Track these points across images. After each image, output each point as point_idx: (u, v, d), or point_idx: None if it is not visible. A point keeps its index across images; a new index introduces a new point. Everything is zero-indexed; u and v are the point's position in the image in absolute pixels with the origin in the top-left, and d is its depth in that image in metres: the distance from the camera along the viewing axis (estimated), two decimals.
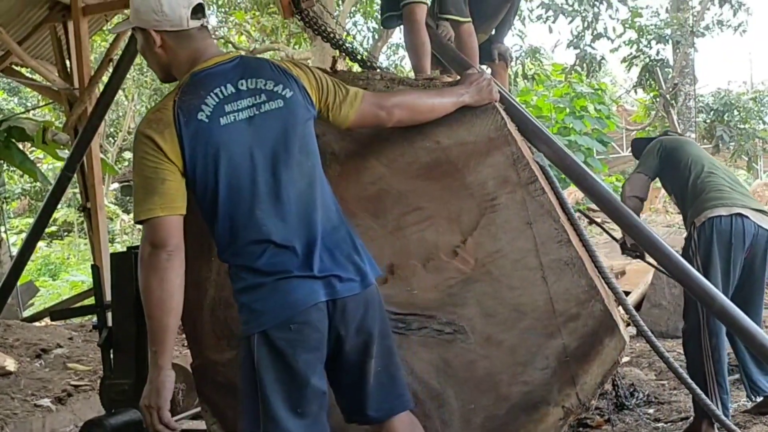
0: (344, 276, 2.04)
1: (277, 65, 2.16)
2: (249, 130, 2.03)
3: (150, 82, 12.86)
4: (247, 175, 2.01)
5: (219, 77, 2.06)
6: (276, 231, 2.00)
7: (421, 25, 3.31)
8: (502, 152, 2.50)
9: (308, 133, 2.13)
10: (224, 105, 2.02)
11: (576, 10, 11.21)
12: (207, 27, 2.18)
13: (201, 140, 2.00)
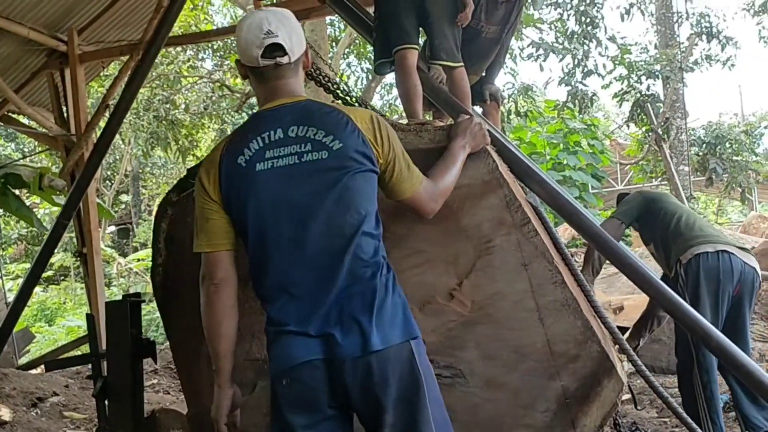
0: (343, 336, 1.94)
1: (341, 115, 2.10)
2: (283, 178, 2.02)
3: (147, 126, 12.94)
4: (272, 223, 2.02)
5: (273, 121, 2.08)
6: (292, 282, 2.00)
7: (412, 70, 3.36)
8: (496, 194, 2.52)
9: (354, 187, 2.02)
10: (266, 150, 2.04)
11: (566, 48, 11.37)
12: (286, 65, 2.11)
13: (235, 183, 2.05)
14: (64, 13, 6.62)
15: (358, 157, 2.04)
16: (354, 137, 2.05)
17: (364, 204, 2.04)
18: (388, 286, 2.03)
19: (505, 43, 4.63)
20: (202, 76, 14.85)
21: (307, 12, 6.18)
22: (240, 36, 2.10)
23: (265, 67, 2.09)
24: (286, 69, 2.12)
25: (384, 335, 1.95)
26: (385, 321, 1.97)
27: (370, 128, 2.10)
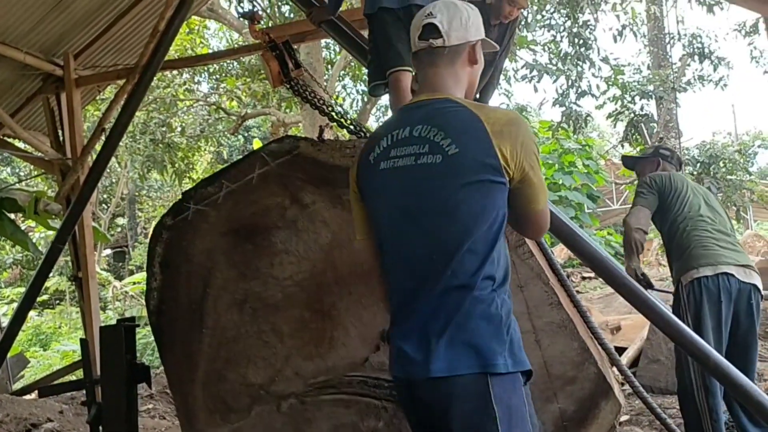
0: (417, 355, 1.84)
1: (471, 115, 1.91)
2: (399, 179, 1.93)
3: (143, 149, 12.95)
4: (388, 225, 1.98)
5: (406, 118, 2.00)
6: (396, 288, 1.96)
7: (406, 92, 3.37)
8: None
9: (464, 197, 1.86)
10: (392, 149, 1.96)
11: (560, 69, 11.45)
12: (439, 50, 1.98)
13: (363, 180, 2.03)
14: (60, 37, 6.65)
15: (476, 166, 1.86)
16: (476, 143, 1.87)
17: (472, 219, 1.86)
18: (479, 309, 1.83)
19: (498, 65, 4.67)
20: (198, 99, 14.91)
21: (303, 35, 6.23)
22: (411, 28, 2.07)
23: (421, 51, 2.01)
24: (439, 55, 1.99)
25: (450, 362, 1.81)
26: (456, 346, 1.81)
27: (503, 132, 1.88)
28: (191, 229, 2.72)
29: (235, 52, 8.21)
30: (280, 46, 4.29)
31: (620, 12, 12.27)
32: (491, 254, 1.86)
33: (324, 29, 4.25)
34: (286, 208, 2.68)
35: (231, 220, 2.71)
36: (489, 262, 1.86)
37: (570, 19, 11.22)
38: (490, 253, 1.86)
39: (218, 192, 2.74)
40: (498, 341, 1.82)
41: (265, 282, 2.67)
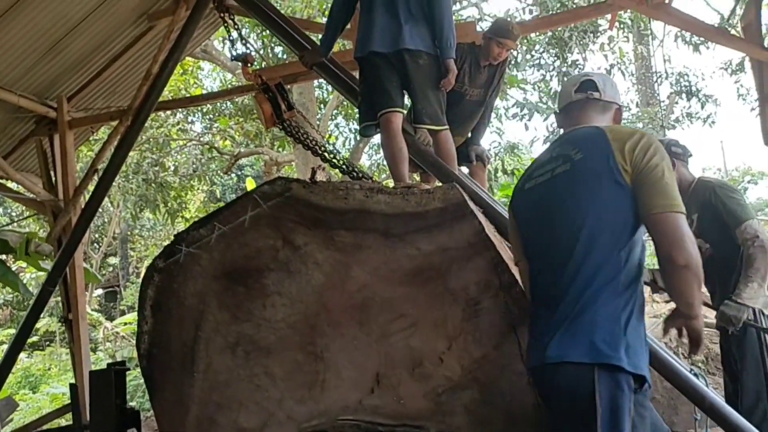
0: (538, 342, 2.09)
1: (598, 131, 2.17)
2: (539, 192, 2.24)
3: (136, 189, 12.95)
4: (530, 234, 2.27)
5: (552, 146, 2.34)
6: (536, 286, 2.21)
7: (397, 133, 3.41)
8: (483, 257, 2.53)
9: (590, 198, 2.06)
10: (536, 170, 2.30)
11: (550, 107, 11.57)
12: (594, 102, 2.32)
13: (516, 200, 2.40)
14: (54, 80, 6.70)
15: (598, 168, 2.08)
16: (598, 150, 2.10)
17: (597, 218, 2.05)
18: (602, 306, 1.97)
19: (489, 105, 4.73)
20: (192, 139, 14.97)
21: (295, 76, 6.30)
22: (562, 86, 2.49)
23: (576, 102, 2.33)
24: (594, 105, 2.33)
25: (562, 349, 1.97)
26: (573, 336, 1.97)
27: (622, 138, 2.10)
28: (183, 271, 2.71)
29: (228, 93, 8.27)
30: (272, 88, 4.34)
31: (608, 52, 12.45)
32: (618, 255, 2.02)
33: (316, 71, 4.30)
34: (278, 249, 2.68)
35: (223, 263, 2.70)
36: (615, 263, 2.01)
37: (559, 58, 11.38)
38: (616, 254, 2.02)
39: (210, 234, 2.74)
40: (613, 338, 1.93)
41: (258, 324, 2.65)
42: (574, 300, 1.99)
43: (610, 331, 1.94)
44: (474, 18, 11.88)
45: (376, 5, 3.52)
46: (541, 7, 11.13)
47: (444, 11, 3.48)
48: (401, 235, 2.56)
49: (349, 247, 2.62)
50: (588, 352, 1.92)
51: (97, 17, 6.15)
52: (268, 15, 4.71)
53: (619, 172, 2.04)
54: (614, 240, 2.02)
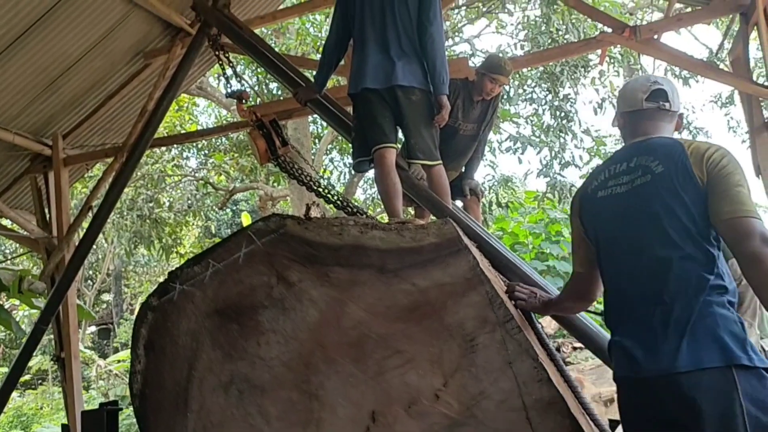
0: (645, 354, 2.06)
1: (676, 144, 2.23)
2: (618, 202, 2.26)
3: (130, 225, 12.93)
4: (609, 243, 2.29)
5: (623, 155, 2.34)
6: (620, 296, 2.22)
7: (391, 168, 3.43)
8: (478, 292, 2.51)
9: (672, 208, 2.12)
10: (610, 180, 2.31)
11: (543, 141, 11.65)
12: (663, 112, 2.37)
13: (585, 208, 2.41)
14: (50, 119, 6.74)
15: (678, 180, 2.13)
16: (678, 163, 2.15)
17: (683, 226, 2.11)
18: (714, 311, 2.00)
19: (482, 139, 4.78)
20: (187, 175, 15.01)
21: (290, 112, 6.34)
22: (626, 87, 2.46)
23: (646, 110, 2.37)
24: (663, 115, 2.38)
25: (693, 356, 1.95)
26: (698, 342, 1.97)
27: (701, 153, 2.15)
28: (176, 309, 2.69)
29: (223, 129, 8.34)
30: (267, 125, 4.38)
31: (599, 86, 12.60)
32: (715, 259, 2.07)
33: (310, 107, 4.34)
34: (273, 286, 2.67)
35: (216, 300, 2.68)
36: (714, 266, 2.06)
37: (551, 93, 11.50)
38: (713, 258, 2.07)
39: (204, 271, 2.73)
40: (737, 338, 1.96)
41: (252, 363, 2.63)
42: (688, 306, 2.01)
43: (731, 331, 1.98)
44: (467, 53, 12.03)
45: (368, 42, 3.57)
46: (532, 42, 11.30)
47: (436, 48, 3.52)
48: (396, 270, 2.55)
49: (344, 284, 2.61)
50: (722, 356, 1.93)
51: (94, 55, 6.22)
52: (262, 53, 4.77)
53: (699, 184, 2.11)
54: (708, 245, 2.09)
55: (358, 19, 3.65)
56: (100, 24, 5.92)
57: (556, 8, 10.61)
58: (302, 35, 11.74)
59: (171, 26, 6.52)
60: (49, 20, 5.52)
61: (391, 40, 3.53)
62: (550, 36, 10.83)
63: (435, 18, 3.54)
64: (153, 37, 6.59)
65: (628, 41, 5.86)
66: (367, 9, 3.62)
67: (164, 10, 6.14)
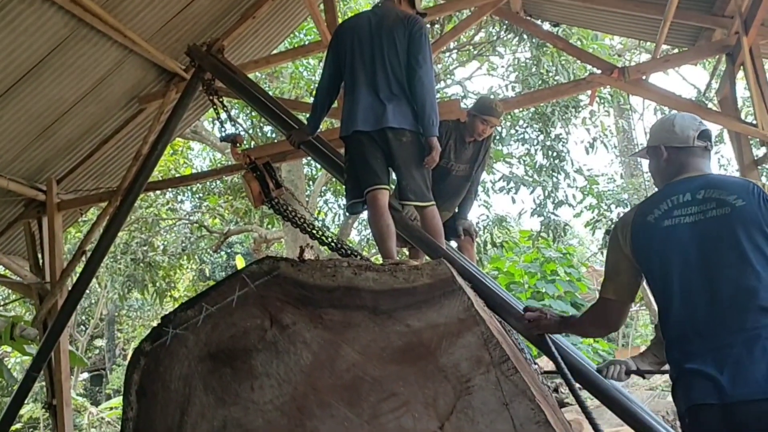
0: (730, 380, 2.06)
1: (746, 181, 2.38)
2: (691, 231, 2.30)
3: (124, 269, 12.87)
4: (678, 272, 2.29)
5: (682, 188, 2.41)
6: (693, 324, 2.22)
7: (384, 210, 3.44)
8: (473, 332, 2.50)
9: (755, 242, 2.21)
10: (674, 210, 2.36)
11: (536, 180, 11.72)
12: (708, 152, 2.52)
13: (642, 240, 2.41)
14: (44, 164, 6.77)
15: (758, 215, 2.24)
16: (756, 199, 2.26)
17: (762, 253, 2.20)
18: None
19: (475, 179, 4.81)
20: (181, 218, 15.01)
21: (284, 154, 6.39)
22: (675, 124, 2.56)
23: (695, 148, 2.50)
24: (706, 154, 2.53)
25: None
26: None
27: None
28: (169, 354, 2.67)
29: (217, 172, 8.36)
30: (260, 167, 4.40)
31: (590, 125, 12.74)
32: None
33: (303, 149, 4.37)
34: (266, 329, 2.65)
35: (210, 344, 2.66)
36: None
37: (543, 133, 11.61)
38: None
39: (198, 315, 2.71)
40: None
41: (245, 407, 2.59)
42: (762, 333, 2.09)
43: None
44: (458, 95, 12.17)
45: (359, 85, 3.62)
46: (523, 84, 11.45)
47: (425, 91, 3.56)
48: (390, 311, 2.54)
49: (337, 325, 2.59)
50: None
51: (89, 101, 6.28)
52: (255, 96, 4.82)
53: None
54: None
55: (349, 62, 3.71)
56: (95, 70, 6.00)
57: (545, 50, 10.78)
58: (296, 79, 11.89)
59: (166, 71, 6.60)
60: (44, 67, 5.59)
61: (381, 82, 3.58)
62: (540, 77, 10.98)
63: (425, 61, 3.59)
64: (148, 83, 6.66)
65: (617, 82, 5.96)
66: (357, 52, 3.68)
67: (159, 55, 6.23)
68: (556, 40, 7.43)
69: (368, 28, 3.70)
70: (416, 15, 3.83)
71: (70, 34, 5.46)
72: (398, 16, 3.73)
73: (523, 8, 7.02)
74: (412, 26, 3.65)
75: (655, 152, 2.61)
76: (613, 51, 13.22)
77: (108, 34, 5.63)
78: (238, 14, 6.63)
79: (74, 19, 5.32)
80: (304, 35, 12.28)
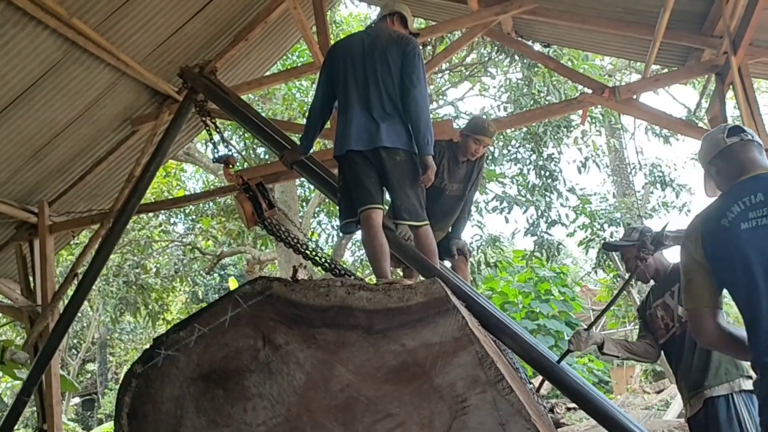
0: None
1: None
2: None
3: (116, 292, 12.79)
4: (763, 276, 2.18)
5: (752, 187, 2.31)
6: None
7: (378, 229, 3.43)
8: (468, 352, 2.49)
9: None
10: (749, 212, 2.26)
11: (529, 200, 11.75)
12: (750, 141, 2.46)
13: (716, 245, 2.31)
14: (36, 186, 6.75)
15: None
16: None
17: None
18: None
19: (468, 199, 4.81)
20: (174, 240, 14.95)
21: (277, 175, 6.38)
22: (703, 142, 2.59)
23: (733, 145, 2.46)
24: (751, 145, 2.46)
25: None
26: None
27: None
28: (160, 376, 2.64)
29: (210, 194, 8.35)
30: (253, 188, 4.39)
31: (582, 145, 12.81)
32: None
33: (296, 170, 4.37)
34: (259, 350, 2.63)
35: (202, 365, 2.64)
36: None
37: (535, 153, 11.66)
38: None
39: (190, 336, 2.69)
40: None
41: (238, 429, 2.56)
42: None
43: None
44: (451, 116, 12.23)
45: (352, 105, 3.62)
46: (515, 104, 11.52)
47: (420, 110, 3.57)
48: (384, 331, 2.52)
49: (331, 345, 2.57)
50: None
51: (82, 123, 6.28)
52: (248, 117, 4.83)
53: None
54: None
55: (342, 82, 3.71)
56: (88, 92, 6.00)
57: (537, 71, 10.86)
58: (288, 100, 11.93)
59: (158, 93, 6.61)
60: (37, 90, 5.59)
61: (374, 102, 3.58)
62: (532, 97, 11.05)
63: (419, 81, 3.60)
64: (140, 105, 6.67)
65: (608, 101, 6.00)
66: (350, 72, 3.69)
67: (151, 78, 6.24)
68: (547, 60, 7.48)
69: (361, 48, 3.72)
70: (409, 35, 3.85)
71: (63, 56, 5.47)
72: (391, 36, 3.75)
73: (514, 29, 7.07)
74: (405, 46, 3.67)
75: (708, 173, 2.57)
76: (603, 71, 13.33)
77: (101, 57, 5.63)
78: (231, 36, 6.66)
79: (67, 42, 5.32)
80: (297, 57, 12.35)
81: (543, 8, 6.24)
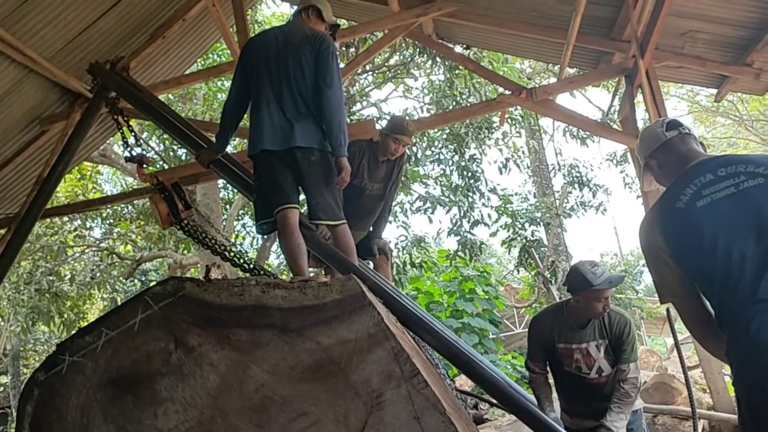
0: None
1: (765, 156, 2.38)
2: (727, 205, 2.28)
3: (27, 300, 12.22)
4: (730, 239, 2.22)
5: (699, 171, 2.40)
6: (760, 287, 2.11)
7: (294, 229, 3.39)
8: (383, 347, 2.48)
9: None
10: (701, 190, 2.34)
11: (452, 200, 11.92)
12: (687, 135, 2.59)
13: (674, 227, 2.37)
14: None
15: None
16: None
17: None
18: None
19: (389, 199, 4.83)
20: (90, 245, 14.42)
21: (196, 177, 6.25)
22: (642, 136, 2.69)
23: (672, 138, 2.58)
24: (689, 138, 2.59)
25: None
26: None
27: None
28: (65, 383, 2.52)
29: (127, 196, 8.09)
30: (168, 188, 4.28)
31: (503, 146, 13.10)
32: None
33: (213, 169, 4.28)
34: (171, 352, 2.54)
35: (110, 371, 2.53)
36: None
37: (457, 153, 11.85)
38: None
39: (97, 341, 2.58)
40: None
41: None
42: None
43: None
44: (374, 117, 12.28)
45: (265, 104, 3.56)
46: (437, 105, 11.67)
47: (333, 111, 3.53)
48: (299, 329, 2.49)
49: (246, 346, 2.52)
50: None
51: None
52: (163, 116, 4.70)
53: None
54: None
55: (255, 79, 3.66)
56: None
57: (458, 73, 11.03)
58: (209, 101, 11.71)
59: (69, 92, 6.36)
60: None
61: (287, 102, 3.54)
62: (453, 99, 11.22)
63: (332, 81, 3.57)
64: (50, 103, 6.40)
65: (526, 102, 6.15)
66: (263, 71, 3.63)
67: (61, 75, 5.99)
68: (468, 62, 7.61)
69: (275, 46, 3.67)
70: (324, 33, 3.81)
71: None
72: (306, 34, 3.71)
73: (435, 31, 7.16)
74: (319, 45, 3.64)
75: (647, 166, 2.66)
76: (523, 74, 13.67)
77: (5, 53, 5.37)
78: (148, 34, 6.48)
79: None
80: (217, 57, 12.13)
81: (462, 11, 6.35)
